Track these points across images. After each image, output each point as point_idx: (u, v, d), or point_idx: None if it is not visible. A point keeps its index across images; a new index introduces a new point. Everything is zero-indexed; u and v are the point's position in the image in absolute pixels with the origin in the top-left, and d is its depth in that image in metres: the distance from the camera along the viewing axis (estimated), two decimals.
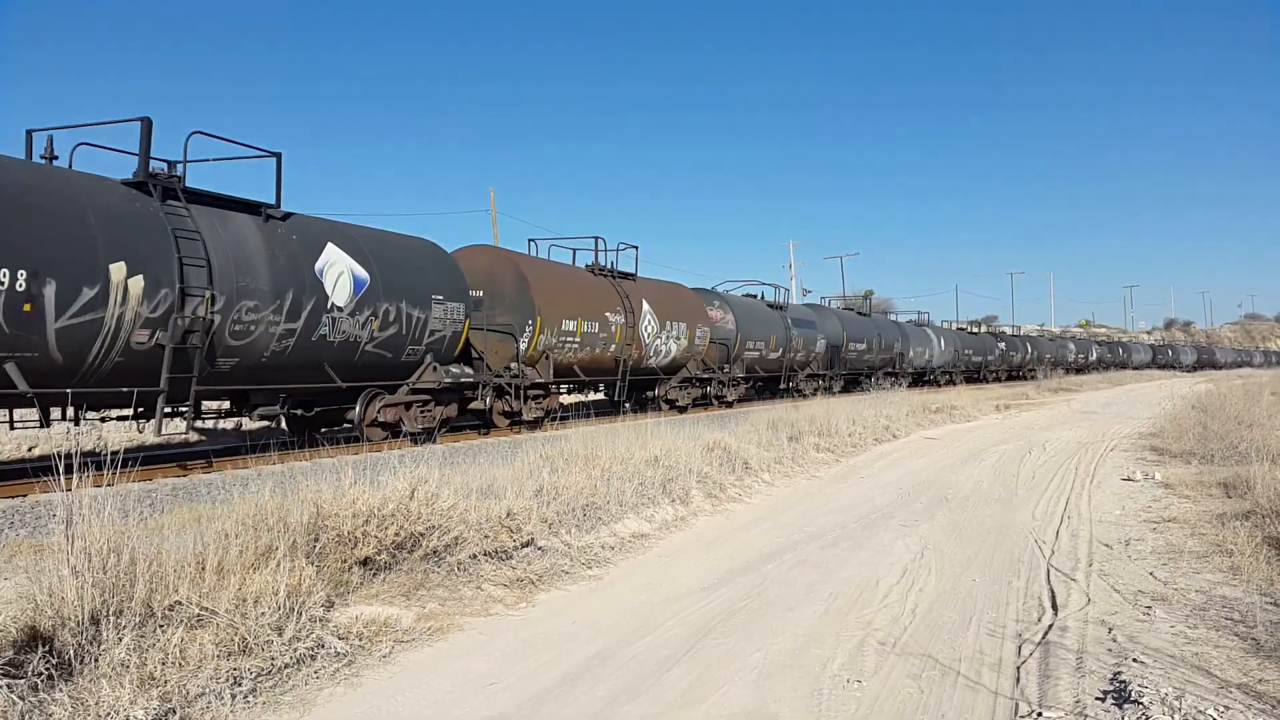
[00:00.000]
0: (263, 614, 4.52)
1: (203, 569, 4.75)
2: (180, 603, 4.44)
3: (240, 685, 4.12)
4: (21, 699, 3.59)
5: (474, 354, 14.58)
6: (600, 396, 21.33)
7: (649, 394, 20.54)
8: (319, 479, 6.32)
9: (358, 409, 12.12)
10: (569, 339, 16.28)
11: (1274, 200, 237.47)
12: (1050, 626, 5.31)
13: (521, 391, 15.17)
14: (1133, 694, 4.08)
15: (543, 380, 15.62)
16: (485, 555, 6.29)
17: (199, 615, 4.41)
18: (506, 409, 15.22)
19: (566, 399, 19.74)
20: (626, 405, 18.25)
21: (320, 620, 4.82)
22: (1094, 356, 63.86)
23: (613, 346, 17.66)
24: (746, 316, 24.45)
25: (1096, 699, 4.14)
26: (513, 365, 14.86)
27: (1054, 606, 5.76)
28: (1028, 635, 5.18)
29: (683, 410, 20.68)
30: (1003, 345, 48.28)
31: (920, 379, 36.93)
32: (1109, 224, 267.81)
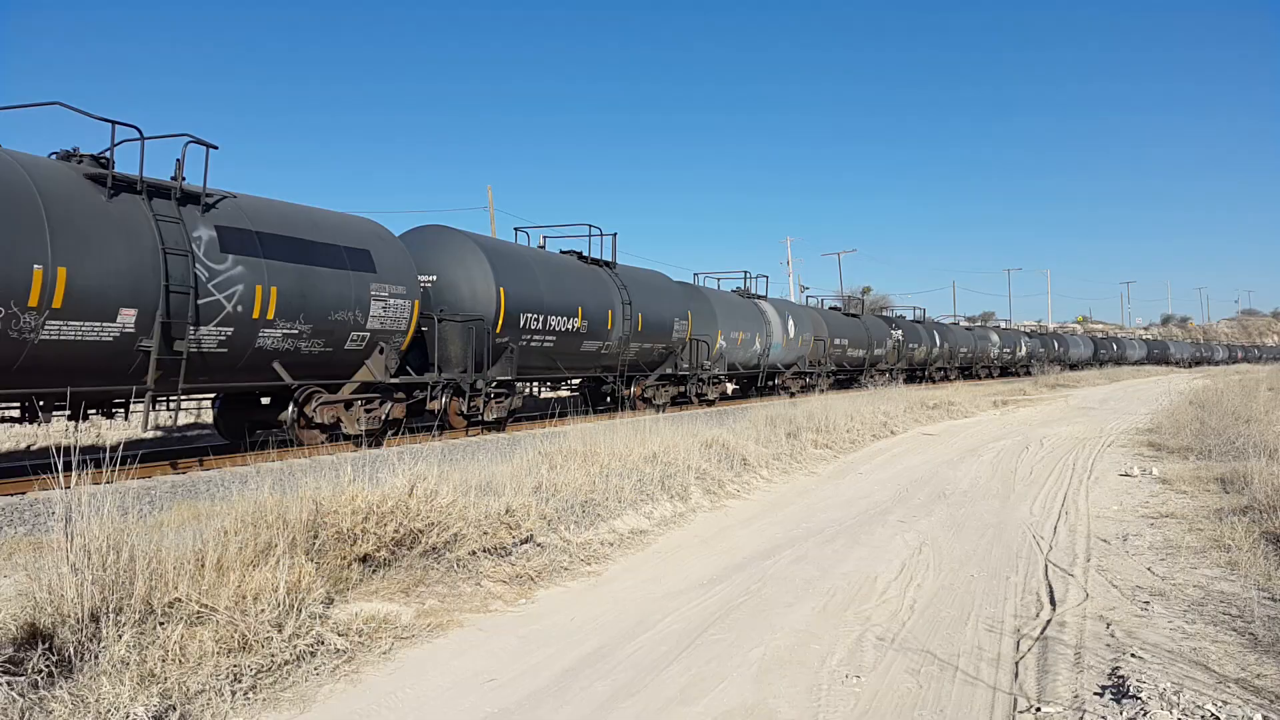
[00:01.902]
0: (262, 611, 4.52)
1: (202, 566, 4.75)
2: (180, 600, 4.44)
3: (240, 682, 4.13)
4: (22, 696, 3.60)
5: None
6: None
7: None
8: (318, 476, 6.32)
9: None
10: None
11: (1270, 198, 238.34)
12: (1048, 622, 5.32)
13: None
14: (1131, 689, 4.10)
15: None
16: (484, 552, 6.29)
17: (199, 612, 4.40)
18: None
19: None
20: None
21: (320, 617, 4.83)
22: (1023, 351, 51.14)
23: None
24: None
25: (1095, 694, 4.15)
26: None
27: (1052, 602, 5.77)
28: (1026, 630, 5.19)
29: None
30: (899, 334, 35.18)
31: (750, 387, 25.42)
32: (1106, 221, 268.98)
